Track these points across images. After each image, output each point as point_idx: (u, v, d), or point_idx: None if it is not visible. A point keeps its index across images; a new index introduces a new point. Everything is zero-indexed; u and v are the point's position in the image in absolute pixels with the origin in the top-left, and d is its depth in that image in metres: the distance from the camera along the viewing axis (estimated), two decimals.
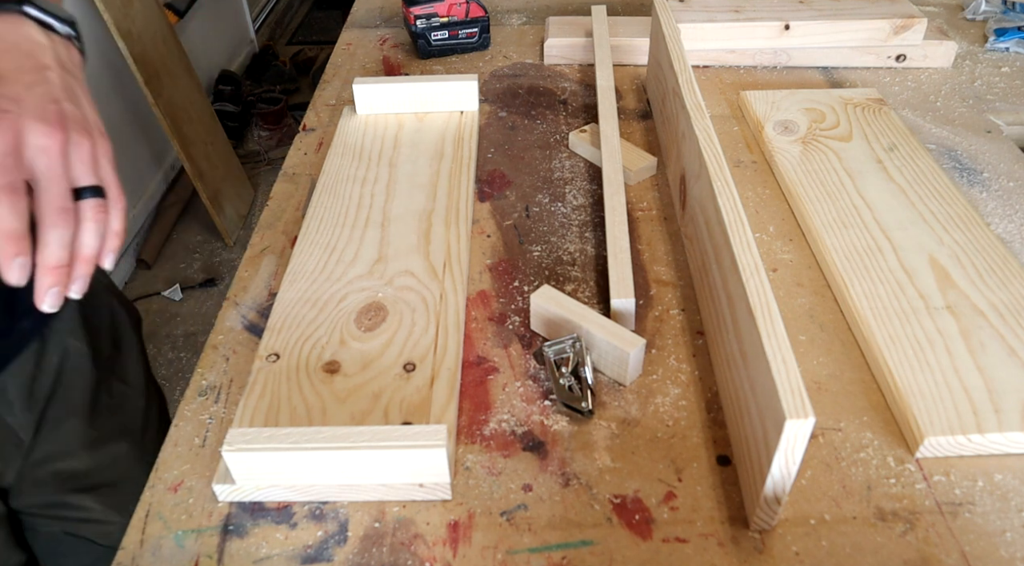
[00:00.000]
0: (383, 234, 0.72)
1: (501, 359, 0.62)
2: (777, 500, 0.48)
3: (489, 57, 1.06)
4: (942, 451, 0.54)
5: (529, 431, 0.57)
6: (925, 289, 0.64)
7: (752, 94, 0.90)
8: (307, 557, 0.50)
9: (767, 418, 0.46)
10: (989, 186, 0.79)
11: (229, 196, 2.27)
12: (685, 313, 0.66)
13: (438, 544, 0.50)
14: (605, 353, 0.59)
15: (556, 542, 0.50)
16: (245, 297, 0.69)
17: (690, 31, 0.97)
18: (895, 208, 0.72)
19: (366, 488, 0.52)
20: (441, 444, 0.49)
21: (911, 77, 0.98)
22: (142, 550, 0.51)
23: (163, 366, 1.86)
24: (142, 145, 2.20)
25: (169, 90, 2.01)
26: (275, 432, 0.50)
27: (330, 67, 1.05)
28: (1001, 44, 1.04)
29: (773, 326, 0.47)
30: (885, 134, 0.82)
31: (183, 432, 0.58)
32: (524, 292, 0.68)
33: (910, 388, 0.56)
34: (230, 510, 0.53)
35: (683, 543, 0.50)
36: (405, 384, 0.58)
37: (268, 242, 0.75)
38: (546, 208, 0.78)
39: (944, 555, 0.49)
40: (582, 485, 0.53)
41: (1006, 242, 0.72)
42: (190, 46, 2.31)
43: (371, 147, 0.84)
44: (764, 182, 0.80)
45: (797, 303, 0.66)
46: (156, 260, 2.18)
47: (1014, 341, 0.59)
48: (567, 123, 0.91)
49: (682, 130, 0.72)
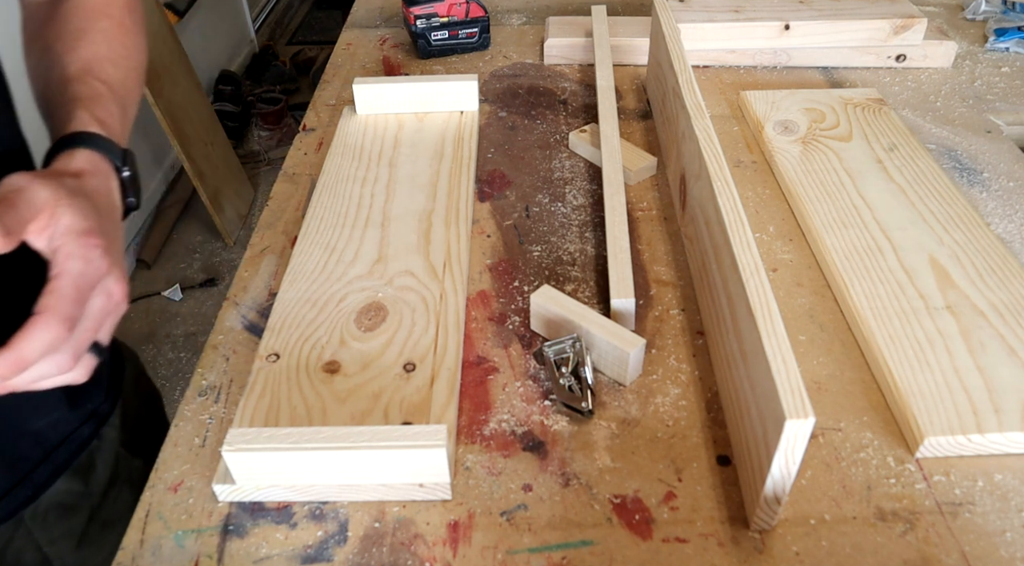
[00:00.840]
0: (383, 234, 0.72)
1: (501, 359, 0.62)
2: (777, 500, 0.48)
3: (489, 57, 1.06)
4: (942, 451, 0.54)
5: (529, 431, 0.57)
6: (925, 289, 0.64)
7: (752, 94, 0.90)
8: (307, 557, 0.50)
9: (767, 418, 0.46)
10: (989, 186, 0.79)
11: (229, 196, 2.27)
12: (685, 313, 0.66)
13: (438, 544, 0.50)
14: (605, 353, 0.59)
15: (556, 542, 0.50)
16: (245, 297, 0.69)
17: (690, 31, 0.97)
18: (895, 208, 0.72)
19: (366, 488, 0.52)
20: (441, 444, 0.49)
21: (911, 77, 0.98)
22: (142, 550, 0.51)
23: (163, 366, 1.86)
24: (142, 145, 2.20)
25: (169, 90, 2.01)
26: (275, 432, 0.50)
27: (330, 67, 1.05)
28: (1001, 44, 1.04)
29: (773, 326, 0.47)
30: (885, 134, 0.82)
31: (183, 432, 0.58)
32: (524, 292, 0.68)
33: (910, 388, 0.56)
34: (230, 510, 0.53)
35: (683, 543, 0.50)
36: (405, 384, 0.58)
37: (268, 242, 0.75)
38: (546, 208, 0.78)
39: (944, 555, 0.49)
40: (582, 485, 0.53)
41: (1006, 242, 0.72)
42: (190, 46, 2.32)
43: (371, 147, 0.84)
44: (764, 182, 0.80)
45: (797, 303, 0.66)
46: (156, 260, 2.18)
47: (1014, 341, 0.59)
48: (567, 123, 0.91)
49: (682, 130, 0.72)
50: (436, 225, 0.73)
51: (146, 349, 1.89)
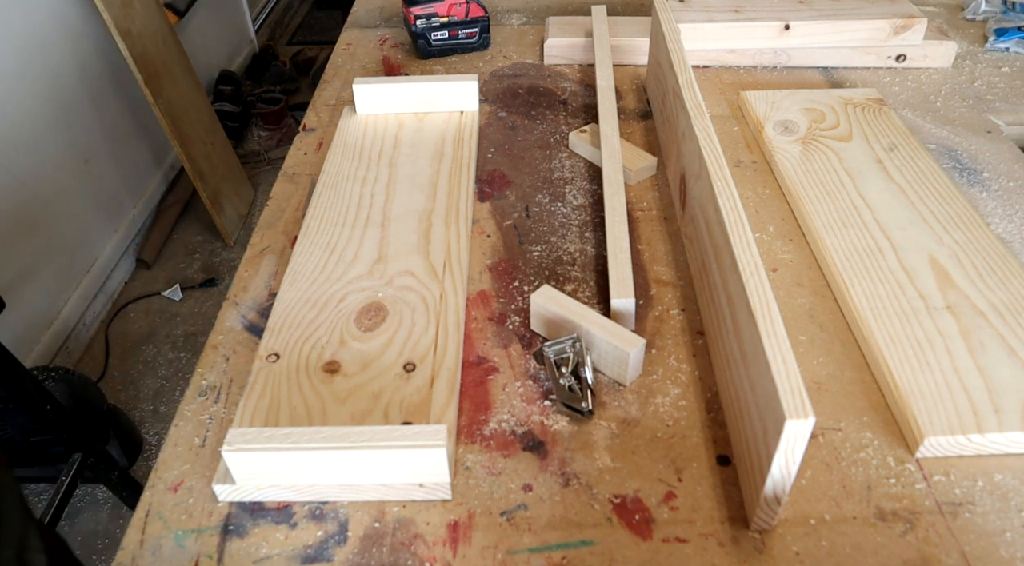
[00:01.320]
0: (383, 234, 0.72)
1: (501, 359, 0.62)
2: (777, 500, 0.48)
3: (489, 57, 1.06)
4: (942, 451, 0.54)
5: (529, 431, 0.57)
6: (925, 289, 0.64)
7: (752, 94, 0.90)
8: (307, 557, 0.50)
9: (767, 418, 0.46)
10: (989, 186, 0.79)
11: (229, 196, 2.27)
12: (685, 313, 0.66)
13: (438, 544, 0.50)
14: (605, 353, 0.59)
15: (556, 542, 0.50)
16: (245, 297, 0.69)
17: (690, 31, 0.97)
18: (895, 208, 0.72)
19: (366, 488, 0.52)
20: (441, 444, 0.49)
21: (911, 77, 0.98)
22: (142, 550, 0.51)
23: (163, 366, 1.86)
24: (142, 145, 2.20)
25: (169, 90, 2.01)
26: (275, 432, 0.50)
27: (330, 67, 1.05)
28: (1001, 44, 1.04)
29: (773, 326, 0.47)
30: (885, 134, 0.82)
31: (183, 432, 0.58)
32: (524, 292, 0.68)
33: (910, 388, 0.56)
34: (230, 510, 0.53)
35: (683, 543, 0.50)
36: (405, 384, 0.58)
37: (268, 242, 0.75)
38: (546, 208, 0.78)
39: (944, 555, 0.49)
40: (582, 485, 0.53)
41: (1006, 242, 0.72)
42: (190, 46, 2.31)
43: (371, 147, 0.84)
44: (764, 182, 0.80)
45: (797, 303, 0.66)
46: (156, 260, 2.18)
47: (1014, 341, 0.59)
48: (567, 123, 0.91)
49: (682, 130, 0.72)
50: (436, 225, 0.73)
51: (146, 349, 1.89)
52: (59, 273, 1.82)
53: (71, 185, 1.86)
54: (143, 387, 1.80)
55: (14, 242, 1.66)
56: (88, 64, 1.92)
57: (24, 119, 1.67)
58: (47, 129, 1.76)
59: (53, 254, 1.79)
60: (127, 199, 2.13)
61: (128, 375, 1.83)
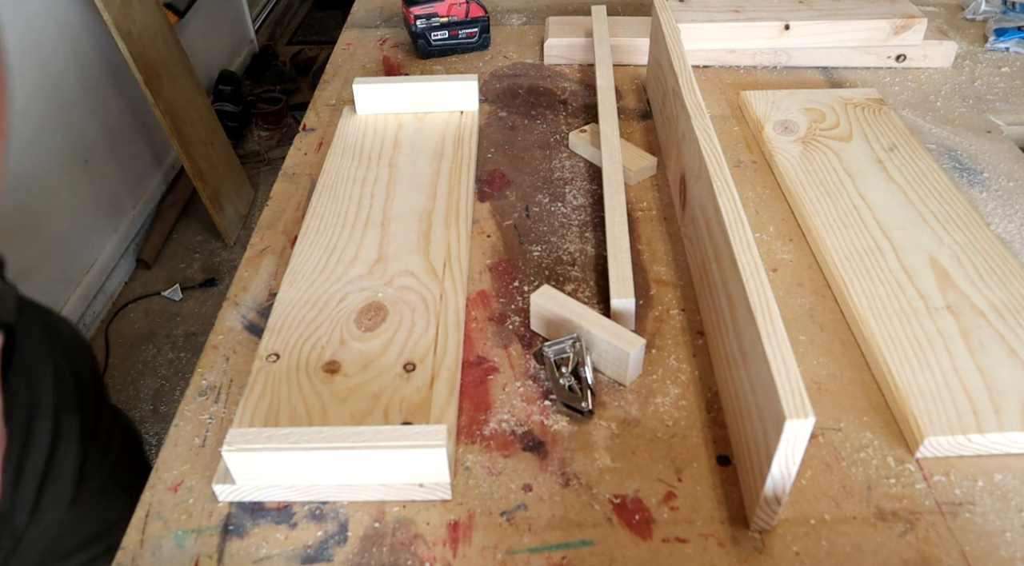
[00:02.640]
0: (383, 234, 0.72)
1: (501, 359, 0.62)
2: (777, 500, 0.48)
3: (489, 57, 1.06)
4: (942, 451, 0.54)
5: (529, 431, 0.57)
6: (925, 289, 0.64)
7: (752, 94, 0.90)
8: (307, 557, 0.50)
9: (767, 418, 0.46)
10: (989, 186, 0.79)
11: (229, 196, 2.27)
12: (685, 313, 0.66)
13: (438, 544, 0.50)
14: (605, 353, 0.59)
15: (556, 542, 0.50)
16: (245, 297, 0.69)
17: (690, 31, 0.97)
18: (895, 208, 0.72)
19: (366, 488, 0.52)
20: (441, 444, 0.49)
21: (911, 77, 0.98)
22: (142, 550, 0.51)
23: (163, 366, 1.86)
24: (142, 145, 2.20)
25: (169, 90, 2.01)
26: (275, 432, 0.50)
27: (330, 67, 1.05)
28: (1001, 44, 1.04)
29: (773, 326, 0.47)
30: (885, 134, 0.82)
31: (183, 432, 0.58)
32: (524, 292, 0.68)
33: (910, 388, 0.56)
34: (230, 510, 0.53)
35: (683, 543, 0.50)
36: (405, 384, 0.58)
37: (268, 242, 0.75)
38: (546, 208, 0.78)
39: (944, 555, 0.49)
40: (582, 485, 0.53)
41: (1006, 242, 0.72)
42: (190, 46, 2.31)
43: (371, 147, 0.84)
44: (764, 182, 0.80)
45: (797, 303, 0.66)
46: (156, 260, 2.18)
47: (1014, 341, 0.59)
48: (567, 123, 0.91)
49: (682, 130, 0.72)
50: (436, 225, 0.73)
51: (146, 349, 1.89)
52: (59, 273, 1.82)
53: (71, 185, 1.86)
54: (143, 387, 1.80)
55: (14, 242, 1.66)
56: (88, 64, 1.92)
57: (24, 119, 1.67)
58: (47, 129, 1.76)
59: (53, 254, 1.79)
60: (127, 199, 2.13)
61: (128, 375, 1.83)
